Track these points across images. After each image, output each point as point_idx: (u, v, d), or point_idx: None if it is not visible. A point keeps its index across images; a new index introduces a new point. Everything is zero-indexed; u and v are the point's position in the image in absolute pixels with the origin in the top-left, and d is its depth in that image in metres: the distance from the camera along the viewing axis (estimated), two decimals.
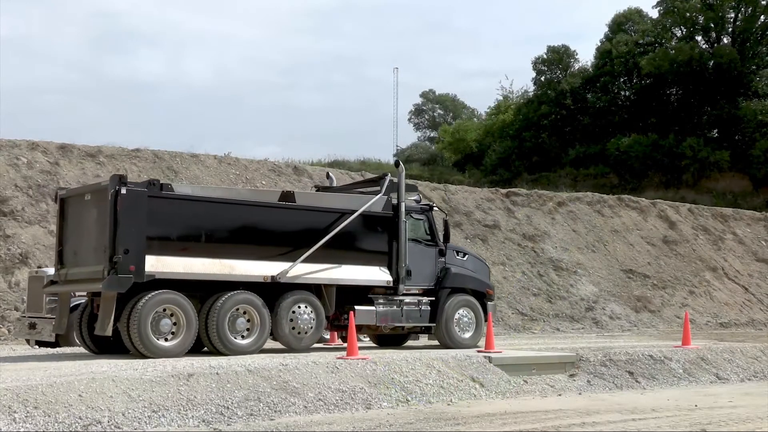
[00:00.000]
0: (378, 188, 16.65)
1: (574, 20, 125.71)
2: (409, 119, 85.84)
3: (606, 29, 60.89)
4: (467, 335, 16.91)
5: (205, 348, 14.55)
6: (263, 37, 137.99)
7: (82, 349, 17.22)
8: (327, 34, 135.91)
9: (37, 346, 18.87)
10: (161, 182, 14.21)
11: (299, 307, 14.99)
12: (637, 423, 10.78)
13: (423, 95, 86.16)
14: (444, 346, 16.64)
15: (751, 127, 51.81)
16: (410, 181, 16.87)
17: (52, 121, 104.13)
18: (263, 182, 30.83)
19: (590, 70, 59.34)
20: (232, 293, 14.24)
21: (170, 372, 11.19)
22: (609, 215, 37.36)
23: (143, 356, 13.40)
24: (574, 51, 60.79)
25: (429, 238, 17.05)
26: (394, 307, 16.12)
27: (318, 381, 11.96)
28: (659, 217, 38.71)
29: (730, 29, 57.11)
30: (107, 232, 13.39)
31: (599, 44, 60.02)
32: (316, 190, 19.18)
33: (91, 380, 10.39)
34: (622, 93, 59.82)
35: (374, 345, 18.37)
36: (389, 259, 16.12)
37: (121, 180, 13.50)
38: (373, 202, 16.06)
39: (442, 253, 17.06)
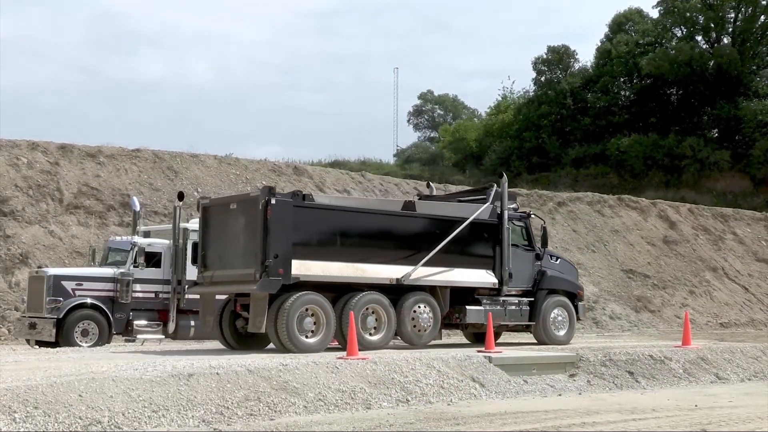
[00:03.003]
0: (481, 197, 18.13)
1: (574, 20, 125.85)
2: (409, 120, 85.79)
3: (606, 29, 61.07)
4: (561, 333, 18.35)
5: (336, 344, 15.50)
6: (264, 37, 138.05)
7: (82, 349, 17.25)
8: (327, 34, 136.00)
9: (37, 346, 18.89)
10: (303, 193, 15.73)
11: (419, 306, 16.32)
12: (637, 423, 10.76)
13: (421, 96, 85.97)
14: (540, 342, 18.03)
15: (751, 127, 51.77)
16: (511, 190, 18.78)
17: (52, 121, 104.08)
18: (263, 182, 30.80)
19: (590, 70, 59.32)
20: (363, 294, 15.51)
21: (170, 372, 11.19)
22: (609, 215, 37.37)
23: (288, 351, 14.44)
24: (574, 51, 60.88)
25: (527, 243, 18.46)
26: (498, 307, 17.47)
27: (318, 381, 11.95)
28: (659, 217, 38.71)
29: (730, 29, 57.09)
30: (258, 239, 14.64)
31: (599, 44, 60.12)
32: (418, 199, 20.07)
33: (91, 380, 10.39)
34: (622, 93, 59.79)
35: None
36: (494, 262, 17.44)
37: (270, 191, 14.79)
38: (482, 210, 17.31)
39: (538, 257, 18.48)
